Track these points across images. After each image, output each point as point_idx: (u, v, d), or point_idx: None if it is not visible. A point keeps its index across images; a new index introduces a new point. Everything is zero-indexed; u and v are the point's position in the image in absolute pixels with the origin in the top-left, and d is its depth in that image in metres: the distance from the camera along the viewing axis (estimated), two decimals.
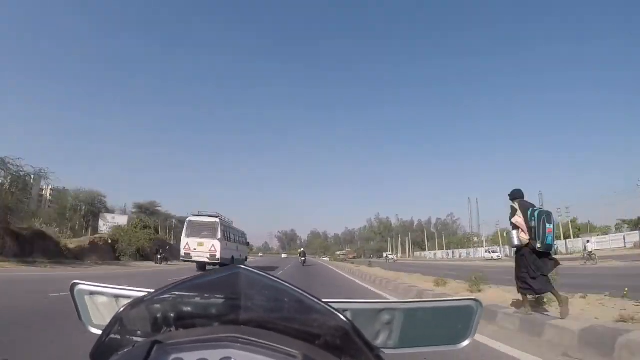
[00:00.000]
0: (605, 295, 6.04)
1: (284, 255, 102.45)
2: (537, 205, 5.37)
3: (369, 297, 9.05)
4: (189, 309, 0.64)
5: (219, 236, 17.50)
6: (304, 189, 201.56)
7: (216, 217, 18.39)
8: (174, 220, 56.06)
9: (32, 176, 23.40)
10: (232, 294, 0.59)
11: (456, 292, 7.99)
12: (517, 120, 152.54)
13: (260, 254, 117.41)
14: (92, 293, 0.80)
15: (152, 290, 0.62)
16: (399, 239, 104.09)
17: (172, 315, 0.63)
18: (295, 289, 0.58)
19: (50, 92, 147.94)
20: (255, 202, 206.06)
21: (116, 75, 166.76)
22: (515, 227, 5.00)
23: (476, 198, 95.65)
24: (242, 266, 0.58)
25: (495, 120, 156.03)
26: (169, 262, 28.87)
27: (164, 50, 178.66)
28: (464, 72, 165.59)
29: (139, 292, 0.72)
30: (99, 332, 0.62)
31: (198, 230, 17.64)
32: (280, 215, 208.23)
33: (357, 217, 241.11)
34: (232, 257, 19.15)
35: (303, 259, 34.04)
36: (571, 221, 56.31)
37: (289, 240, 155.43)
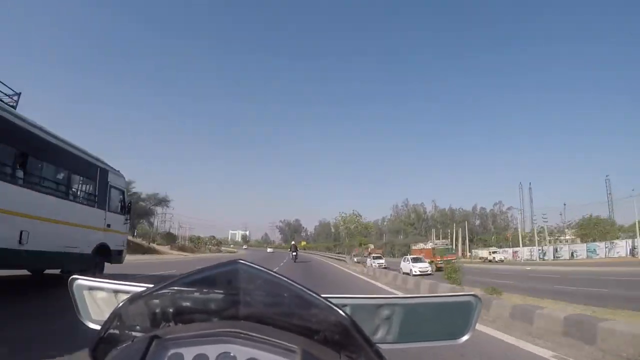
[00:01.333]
0: None
1: (269, 250, 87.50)
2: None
3: None
4: (188, 304, 0.64)
5: None
6: (310, 178, 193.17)
7: None
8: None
9: None
10: (231, 289, 0.59)
11: None
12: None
13: (244, 246, 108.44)
14: (91, 288, 0.81)
15: (151, 286, 0.62)
16: (453, 229, 73.33)
17: (171, 310, 0.63)
18: (295, 284, 0.58)
19: None
20: (254, 190, 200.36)
21: (119, 68, 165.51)
22: None
23: (529, 183, 75.85)
24: (242, 260, 0.57)
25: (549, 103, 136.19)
26: None
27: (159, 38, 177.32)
28: (465, 69, 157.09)
29: (138, 287, 0.72)
30: (98, 327, 0.62)
31: None
32: (283, 205, 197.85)
33: (372, 210, 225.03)
34: None
35: (294, 253, 31.12)
36: None
37: (292, 232, 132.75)
